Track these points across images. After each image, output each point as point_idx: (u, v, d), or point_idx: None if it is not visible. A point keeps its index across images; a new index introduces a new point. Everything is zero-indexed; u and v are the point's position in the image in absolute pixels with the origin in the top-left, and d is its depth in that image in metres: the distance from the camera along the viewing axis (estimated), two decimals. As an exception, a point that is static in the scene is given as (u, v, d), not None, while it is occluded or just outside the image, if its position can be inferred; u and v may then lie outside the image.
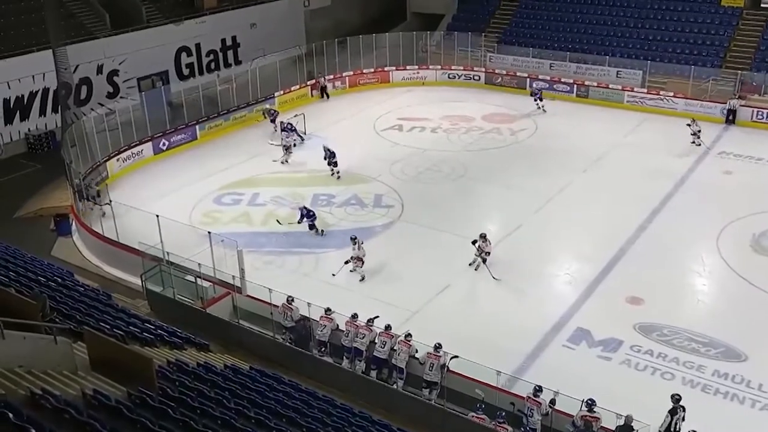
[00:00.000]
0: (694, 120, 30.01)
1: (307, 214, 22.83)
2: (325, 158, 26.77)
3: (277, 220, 23.78)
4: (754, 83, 33.85)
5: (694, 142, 29.51)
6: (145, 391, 10.58)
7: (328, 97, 36.99)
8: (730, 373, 16.45)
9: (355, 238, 20.74)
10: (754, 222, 23.25)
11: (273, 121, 31.80)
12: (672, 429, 13.88)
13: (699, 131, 29.44)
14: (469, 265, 20.69)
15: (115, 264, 21.33)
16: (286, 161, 28.48)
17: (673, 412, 13.89)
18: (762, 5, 38.48)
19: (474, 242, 20.44)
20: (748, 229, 22.78)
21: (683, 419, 13.91)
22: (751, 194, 25.26)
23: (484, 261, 20.47)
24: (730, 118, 32.35)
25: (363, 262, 20.39)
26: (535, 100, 34.63)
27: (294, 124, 30.59)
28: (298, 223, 22.84)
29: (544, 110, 34.18)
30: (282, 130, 30.57)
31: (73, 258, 22.24)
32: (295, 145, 29.21)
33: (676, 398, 14.09)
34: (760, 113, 32.29)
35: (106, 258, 21.75)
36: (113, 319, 14.71)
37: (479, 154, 29.69)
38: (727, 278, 20.57)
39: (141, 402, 10.38)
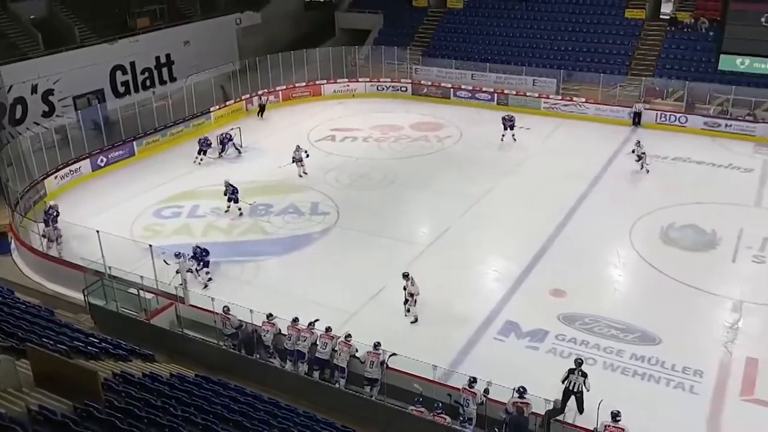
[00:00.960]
0: (639, 142, 28.16)
1: (232, 191, 23.48)
2: (225, 194, 24.47)
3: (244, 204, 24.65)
4: (656, 88, 35.13)
5: (643, 168, 27.62)
6: (91, 404, 10.25)
7: (262, 116, 36.01)
8: (646, 355, 16.98)
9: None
10: (662, 216, 24.10)
11: (208, 145, 30.13)
12: (569, 387, 14.66)
13: (644, 153, 27.71)
14: (406, 314, 18.57)
15: (56, 280, 20.58)
16: (305, 173, 27.88)
17: (570, 371, 14.73)
18: (661, 16, 40.10)
19: (405, 276, 18.50)
20: (657, 223, 23.58)
21: (585, 384, 14.64)
22: (658, 190, 26.19)
23: (407, 301, 18.46)
24: (636, 120, 33.47)
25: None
26: (506, 128, 31.18)
27: (233, 136, 30.18)
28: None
29: (514, 138, 31.17)
30: (219, 142, 30.15)
31: (12, 276, 21.33)
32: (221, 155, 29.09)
33: (578, 362, 14.92)
34: (663, 115, 33.51)
35: (46, 275, 20.98)
36: (56, 335, 14.19)
37: (408, 161, 29.90)
38: (640, 268, 21.25)
39: (87, 415, 10.05)
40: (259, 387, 14.73)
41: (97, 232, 19.03)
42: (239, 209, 24.68)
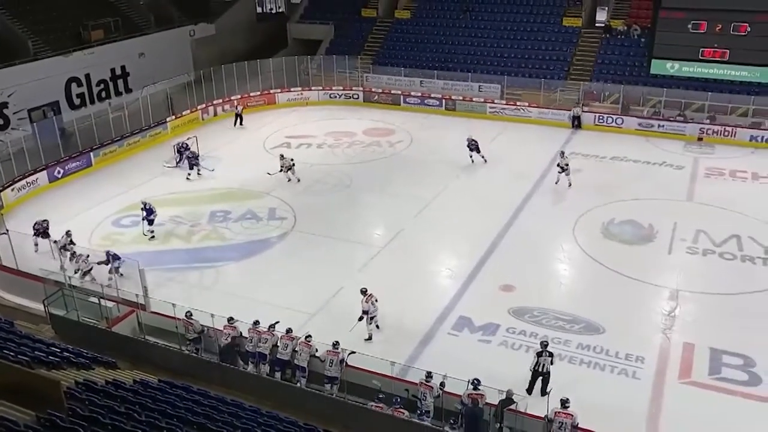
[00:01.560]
0: (563, 153, 27.23)
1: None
2: (143, 218, 23.30)
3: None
4: (594, 92, 35.87)
5: (558, 180, 26.63)
6: (55, 413, 9.97)
7: (242, 123, 35.38)
8: (591, 344, 17.29)
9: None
10: (602, 212, 24.60)
11: (181, 153, 29.78)
12: (538, 369, 15.15)
13: (567, 165, 26.47)
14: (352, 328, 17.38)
15: (15, 291, 19.91)
16: (298, 179, 27.86)
17: (539, 354, 15.26)
18: (597, 24, 40.98)
19: (362, 292, 17.67)
20: (598, 219, 24.05)
21: (552, 363, 15.18)
22: (598, 187, 26.69)
23: (364, 318, 17.43)
24: (576, 123, 34.08)
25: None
26: (472, 150, 29.18)
27: (189, 145, 29.78)
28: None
29: (484, 160, 29.29)
30: (177, 152, 29.72)
31: (-29, 289, 20.66)
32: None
33: (544, 344, 15.44)
34: (600, 117, 34.22)
35: (5, 286, 20.28)
36: (17, 345, 13.75)
37: (362, 166, 29.90)
38: (584, 262, 21.65)
39: (51, 424, 9.78)
40: (222, 390, 14.56)
41: (55, 242, 18.57)
42: (151, 231, 23.11)
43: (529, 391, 15.12)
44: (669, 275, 20.48)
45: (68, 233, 21.09)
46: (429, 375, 14.29)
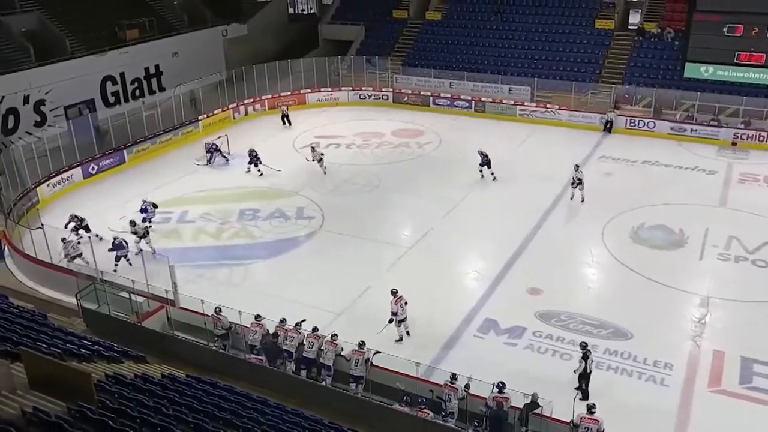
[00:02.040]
0: (577, 167, 25.80)
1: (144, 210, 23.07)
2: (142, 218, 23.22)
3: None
4: (626, 95, 35.42)
5: (573, 196, 25.54)
6: (85, 405, 10.13)
7: (290, 123, 35.47)
8: (619, 350, 17.08)
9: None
10: (632, 216, 24.29)
11: (211, 152, 30.11)
12: (587, 371, 15.18)
13: (580, 180, 25.31)
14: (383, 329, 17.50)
15: (49, 285, 20.33)
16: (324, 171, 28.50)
17: (585, 357, 15.18)
18: (629, 27, 40.47)
19: (393, 293, 17.52)
20: (628, 223, 23.76)
21: (592, 361, 15.33)
22: (629, 192, 26.37)
23: (393, 321, 17.41)
24: (608, 127, 33.56)
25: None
26: (482, 165, 27.58)
27: (219, 145, 30.07)
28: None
29: (493, 177, 27.73)
30: (207, 151, 30.04)
31: (6, 281, 21.05)
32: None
33: (583, 345, 15.50)
34: (632, 121, 33.79)
35: (40, 280, 20.73)
36: (50, 338, 14.02)
37: (390, 167, 29.91)
38: (612, 267, 21.40)
39: (81, 416, 9.93)
40: (248, 386, 14.66)
41: (89, 238, 18.88)
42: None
43: (586, 394, 15.03)
44: (699, 282, 20.14)
45: (80, 218, 22.06)
46: (454, 377, 14.25)
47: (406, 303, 17.49)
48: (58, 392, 10.45)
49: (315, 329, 16.09)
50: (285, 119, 35.63)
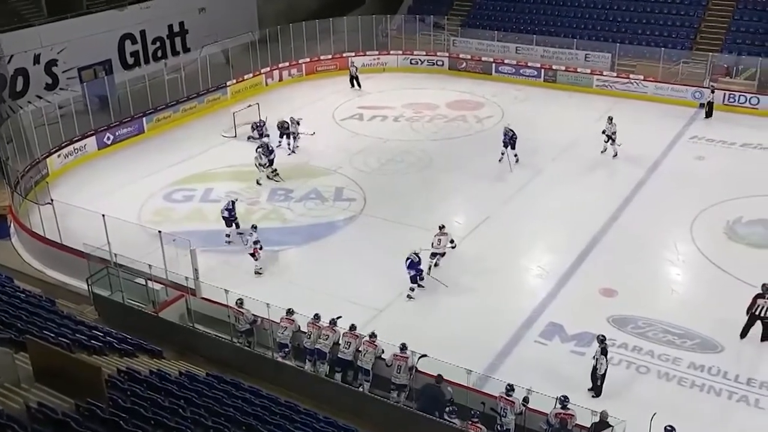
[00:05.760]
0: (611, 119, 27.50)
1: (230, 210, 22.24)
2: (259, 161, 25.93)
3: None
4: (725, 66, 34.52)
5: (607, 150, 27.55)
6: (95, 403, 10.42)
7: (360, 86, 36.36)
8: (706, 364, 16.79)
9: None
10: (727, 208, 23.76)
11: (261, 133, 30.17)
12: (599, 369, 15.57)
13: (614, 134, 27.37)
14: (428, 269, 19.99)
15: (58, 268, 20.94)
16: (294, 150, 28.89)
17: (604, 353, 15.56)
18: (732, -16, 39.32)
19: (441, 227, 20.41)
20: (722, 216, 23.26)
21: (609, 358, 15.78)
22: (724, 180, 25.80)
23: (436, 263, 19.75)
24: (709, 111, 32.13)
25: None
26: (506, 145, 27.24)
27: (265, 122, 30.08)
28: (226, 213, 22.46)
29: (516, 159, 27.40)
30: (252, 129, 29.93)
31: (12, 262, 21.75)
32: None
33: (601, 338, 15.82)
34: (731, 96, 32.96)
35: (48, 261, 21.35)
36: (58, 327, 14.45)
37: (444, 143, 29.82)
38: (702, 267, 20.99)
39: (90, 414, 10.22)
40: (275, 389, 14.87)
41: (103, 216, 19.28)
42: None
43: (599, 392, 15.41)
44: (807, 288, 19.58)
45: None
46: (511, 388, 14.19)
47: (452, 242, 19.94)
48: (65, 387, 10.77)
49: (353, 327, 16.19)
50: (354, 81, 36.20)
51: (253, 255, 20.67)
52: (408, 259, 19.35)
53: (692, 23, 37.47)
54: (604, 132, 27.62)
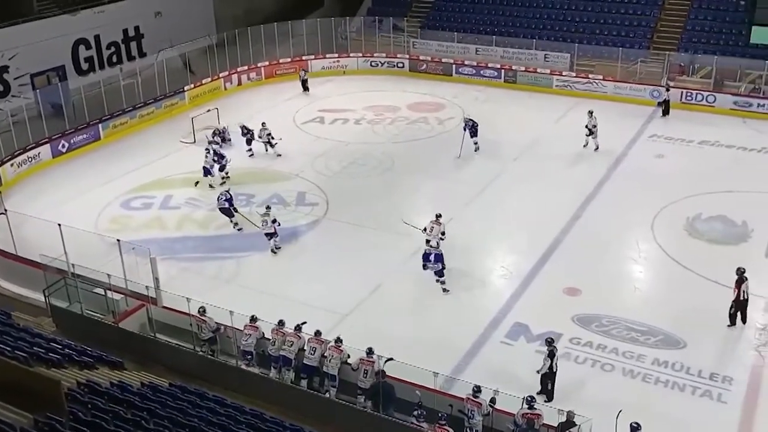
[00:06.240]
0: (591, 113, 28.58)
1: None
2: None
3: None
4: (681, 64, 35.12)
5: (587, 143, 28.56)
6: (54, 417, 10.25)
7: (308, 90, 36.48)
8: (669, 360, 17.02)
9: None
10: (687, 205, 24.15)
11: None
12: (552, 370, 15.67)
13: (595, 127, 28.23)
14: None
15: (13, 279, 20.53)
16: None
17: (551, 355, 15.61)
18: (687, -16, 40.04)
19: (437, 216, 21.18)
20: (682, 213, 23.63)
21: (557, 359, 15.86)
22: (684, 177, 26.21)
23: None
24: (665, 109, 32.52)
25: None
26: (471, 133, 28.52)
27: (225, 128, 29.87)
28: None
29: (476, 147, 28.60)
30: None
31: (-36, 275, 21.34)
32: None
33: (549, 340, 15.94)
34: (688, 94, 33.52)
35: (3, 273, 20.91)
36: (14, 340, 14.18)
37: (406, 145, 29.90)
38: (663, 264, 21.31)
39: (49, 429, 10.06)
40: (240, 397, 14.76)
41: (59, 225, 18.99)
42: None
43: (551, 396, 15.53)
44: (765, 282, 19.98)
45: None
46: (478, 389, 14.26)
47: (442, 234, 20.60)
48: (23, 402, 10.57)
49: (318, 333, 16.15)
50: (304, 85, 36.22)
51: (271, 235, 21.47)
52: (429, 253, 19.67)
53: (649, 23, 38.08)
54: (586, 126, 28.33)
